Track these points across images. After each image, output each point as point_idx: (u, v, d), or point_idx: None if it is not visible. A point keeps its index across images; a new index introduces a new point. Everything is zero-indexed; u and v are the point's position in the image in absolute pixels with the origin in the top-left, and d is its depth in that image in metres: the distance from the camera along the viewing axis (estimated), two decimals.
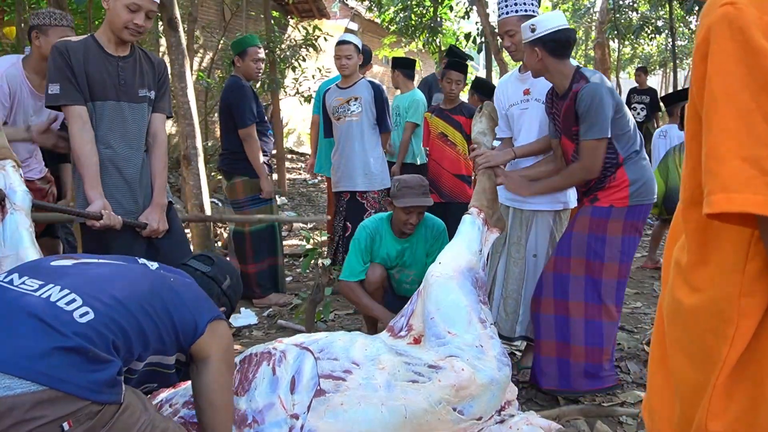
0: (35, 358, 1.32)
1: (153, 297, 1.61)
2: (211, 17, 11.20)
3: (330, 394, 1.98)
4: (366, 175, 4.38)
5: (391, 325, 2.45)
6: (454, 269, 2.39)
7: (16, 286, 1.49)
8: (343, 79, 4.49)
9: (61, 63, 2.52)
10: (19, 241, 2.14)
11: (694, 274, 0.95)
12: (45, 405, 1.30)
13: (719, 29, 0.84)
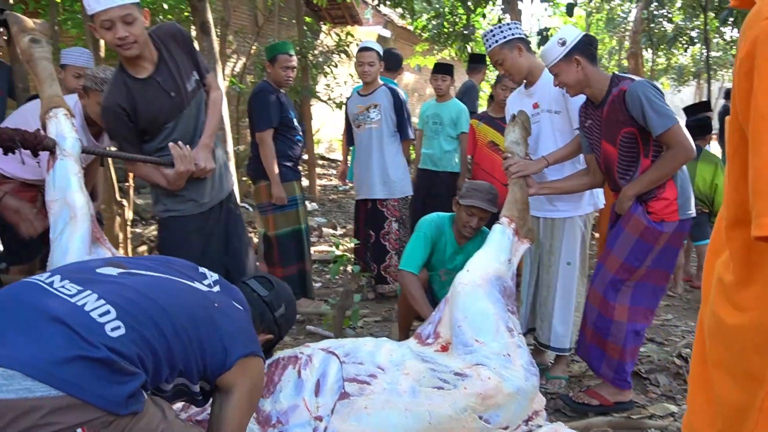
0: (58, 364, 1.31)
1: (189, 323, 1.56)
2: (244, 22, 11.34)
3: (354, 397, 1.98)
4: (385, 183, 4.37)
5: (419, 332, 2.45)
6: (481, 277, 2.38)
7: (56, 289, 1.47)
8: (364, 87, 4.48)
9: (114, 125, 2.60)
10: (67, 186, 2.21)
11: (738, 293, 0.91)
12: (62, 411, 1.29)
13: (764, 44, 0.81)
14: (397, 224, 4.43)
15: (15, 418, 1.25)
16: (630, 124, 2.53)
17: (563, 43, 2.59)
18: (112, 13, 2.37)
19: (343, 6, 12.97)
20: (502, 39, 3.01)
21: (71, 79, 3.41)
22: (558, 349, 3.09)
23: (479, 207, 3.06)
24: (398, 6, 12.28)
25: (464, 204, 3.11)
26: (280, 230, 4.28)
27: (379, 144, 4.38)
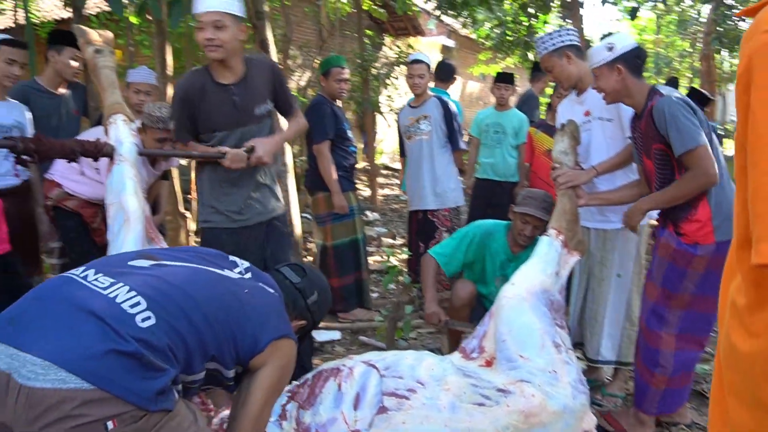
0: (91, 358, 1.35)
1: (219, 310, 1.60)
2: (308, 37, 11.58)
3: (392, 411, 1.97)
4: (436, 194, 4.36)
5: (463, 347, 2.41)
6: (527, 290, 2.33)
7: (90, 282, 1.53)
8: (414, 98, 4.50)
9: (177, 107, 2.74)
10: (122, 189, 2.31)
11: (751, 317, 0.86)
12: (93, 404, 1.33)
13: (762, 58, 0.77)
14: (448, 234, 4.39)
15: (50, 407, 1.31)
16: (659, 140, 2.45)
17: (610, 48, 2.53)
18: (206, 17, 2.60)
19: (406, 18, 13.03)
20: (552, 46, 3.00)
21: (132, 95, 3.60)
22: (604, 362, 2.99)
23: (533, 215, 3.01)
24: (460, 16, 12.27)
25: (518, 212, 3.06)
26: (337, 240, 4.35)
27: (429, 155, 4.37)
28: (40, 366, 1.33)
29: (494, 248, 3.21)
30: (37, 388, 1.31)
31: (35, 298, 1.51)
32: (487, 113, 5.20)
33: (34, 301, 1.49)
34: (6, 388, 1.33)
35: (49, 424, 1.31)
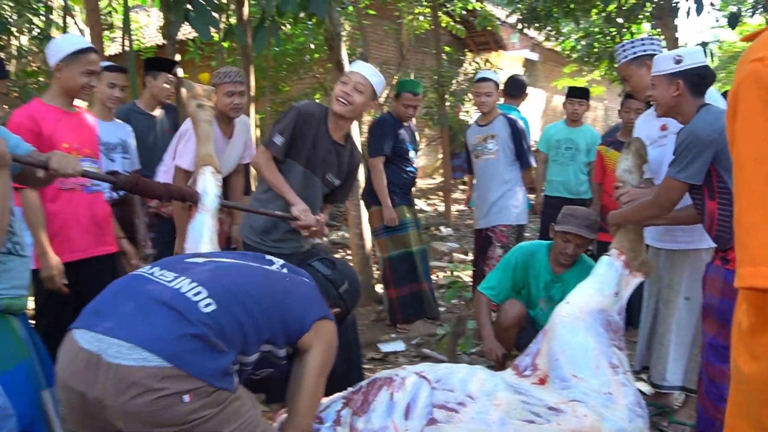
0: (168, 341, 1.57)
1: (267, 296, 1.81)
2: (389, 54, 11.81)
3: (441, 424, 2.03)
4: (499, 210, 4.33)
5: (516, 364, 2.44)
6: (582, 310, 2.33)
7: (156, 277, 1.76)
8: (482, 117, 4.49)
9: (291, 122, 2.90)
10: (200, 238, 2.50)
11: (753, 340, 0.88)
12: (171, 379, 1.54)
13: (747, 87, 0.80)
14: (503, 251, 4.33)
15: (135, 381, 1.53)
16: None
17: (678, 61, 2.47)
18: (354, 76, 2.88)
19: (487, 33, 13.03)
20: (632, 54, 2.96)
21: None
22: (669, 387, 2.90)
23: (575, 233, 2.99)
24: (544, 29, 12.15)
25: (559, 230, 3.05)
26: (390, 253, 4.48)
27: (496, 174, 4.36)
28: (125, 347, 1.55)
29: (537, 269, 3.20)
30: (124, 365, 1.54)
31: (113, 293, 1.75)
32: (557, 128, 5.11)
33: (113, 295, 1.74)
34: (97, 366, 1.56)
35: (136, 396, 1.52)
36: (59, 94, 2.88)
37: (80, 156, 2.84)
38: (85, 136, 2.98)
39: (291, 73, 9.68)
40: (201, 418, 1.58)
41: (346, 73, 2.90)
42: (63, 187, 2.84)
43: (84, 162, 2.82)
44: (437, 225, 8.54)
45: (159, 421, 1.55)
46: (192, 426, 1.58)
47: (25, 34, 9.78)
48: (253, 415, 1.72)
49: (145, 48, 10.68)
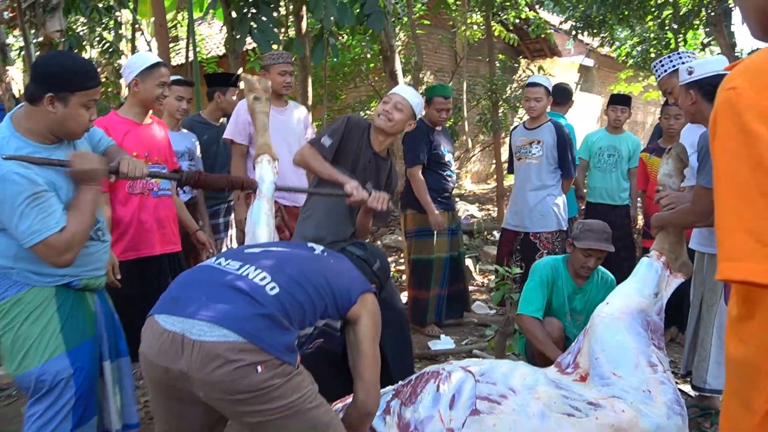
0: (242, 319, 1.80)
1: (319, 276, 2.04)
2: (444, 62, 11.97)
3: (484, 414, 2.17)
4: (541, 216, 4.40)
5: (559, 362, 2.55)
6: (621, 310, 2.42)
7: (224, 267, 2.00)
8: (529, 120, 4.57)
9: (342, 129, 3.10)
10: (257, 222, 2.70)
11: (741, 326, 0.99)
12: (246, 352, 1.76)
13: (722, 112, 0.92)
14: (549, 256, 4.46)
15: (217, 355, 1.76)
16: None
17: (690, 73, 2.61)
18: (395, 97, 3.10)
19: (542, 39, 13.03)
20: (671, 68, 3.07)
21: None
22: (710, 390, 2.94)
23: (596, 248, 3.11)
24: (597, 35, 12.08)
25: (580, 246, 3.14)
26: (414, 255, 4.61)
27: (537, 178, 4.43)
28: (206, 326, 1.79)
29: (559, 284, 3.30)
30: (207, 341, 1.77)
31: (186, 282, 2.00)
32: (599, 135, 5.14)
33: (187, 284, 1.98)
34: (181, 344, 1.79)
35: (218, 367, 1.75)
36: (135, 107, 3.18)
37: (149, 163, 3.12)
38: (155, 144, 3.25)
39: (347, 82, 9.94)
40: (271, 386, 1.80)
41: (388, 94, 3.09)
42: (132, 192, 3.13)
43: (152, 168, 3.05)
44: (490, 230, 8.62)
45: (237, 388, 1.77)
46: (263, 392, 1.79)
47: (95, 47, 10.38)
48: (313, 390, 1.93)
49: (207, 58, 11.16)
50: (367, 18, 4.35)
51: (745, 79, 0.92)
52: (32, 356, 2.18)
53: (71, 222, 2.15)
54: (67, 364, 2.21)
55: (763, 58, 0.95)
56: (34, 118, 2.20)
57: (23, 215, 2.06)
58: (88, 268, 2.34)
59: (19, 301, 2.18)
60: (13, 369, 2.22)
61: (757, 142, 0.87)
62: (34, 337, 2.18)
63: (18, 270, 2.17)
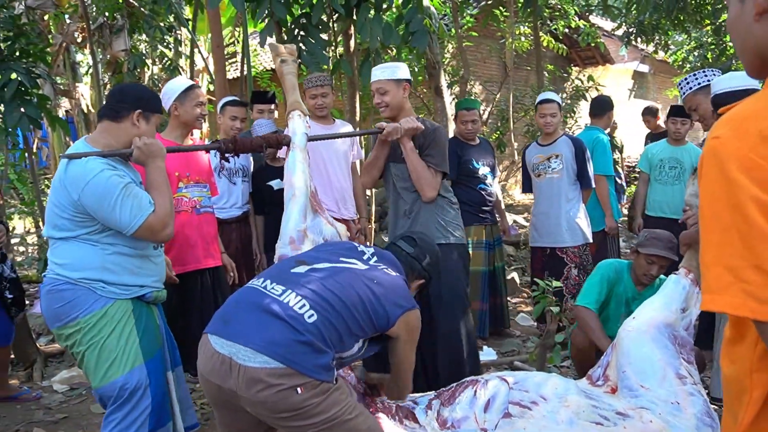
0: (281, 346, 1.95)
1: (359, 300, 2.13)
2: (493, 72, 12.04)
3: (515, 418, 2.31)
4: (568, 231, 4.45)
5: (590, 374, 2.65)
6: (647, 324, 2.51)
7: (268, 291, 2.12)
8: (543, 137, 4.61)
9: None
10: (293, 171, 2.86)
11: (732, 348, 1.10)
12: (286, 377, 1.93)
13: (707, 158, 1.03)
14: (577, 270, 4.45)
15: (260, 379, 1.94)
16: None
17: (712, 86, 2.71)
18: (373, 86, 3.22)
19: (593, 47, 12.95)
20: (696, 85, 3.11)
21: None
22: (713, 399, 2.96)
23: (660, 255, 3.15)
24: (650, 41, 11.94)
25: (644, 253, 3.21)
26: None
27: (561, 193, 4.45)
28: (250, 353, 1.97)
29: (621, 287, 3.38)
30: (251, 367, 1.95)
31: (235, 303, 2.17)
32: (660, 147, 5.01)
33: (235, 306, 2.15)
34: (230, 366, 1.98)
35: (261, 390, 1.94)
36: (176, 129, 3.40)
37: (189, 182, 3.41)
38: (195, 165, 3.49)
39: None
40: (311, 405, 1.97)
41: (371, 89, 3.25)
42: (177, 209, 3.31)
43: (193, 187, 3.42)
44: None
45: (279, 408, 1.96)
46: (304, 410, 1.97)
47: (156, 64, 10.91)
48: (351, 401, 2.09)
49: (261, 72, 11.55)
50: (412, 36, 4.52)
51: (729, 128, 1.03)
52: (116, 367, 2.40)
53: (157, 200, 2.42)
54: (145, 374, 2.44)
55: (746, 108, 1.06)
56: (114, 134, 2.47)
57: (122, 205, 2.32)
58: (155, 280, 2.58)
59: (105, 315, 2.40)
60: (98, 380, 2.43)
61: (736, 189, 0.97)
62: (118, 349, 2.40)
63: (102, 283, 2.39)
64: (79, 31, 9.46)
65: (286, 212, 2.83)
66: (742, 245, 0.96)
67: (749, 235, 0.95)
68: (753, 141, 0.98)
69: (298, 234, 2.74)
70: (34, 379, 4.37)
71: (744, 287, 0.95)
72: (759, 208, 0.95)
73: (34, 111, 4.97)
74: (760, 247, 0.94)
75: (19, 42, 5.22)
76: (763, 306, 0.94)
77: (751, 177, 0.97)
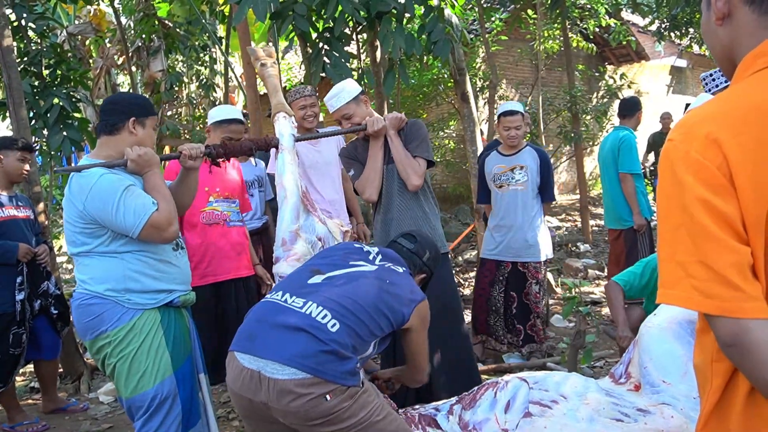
0: (308, 358, 2.01)
1: (376, 303, 2.19)
2: (525, 74, 12.00)
3: (536, 417, 2.33)
4: (531, 246, 4.33)
5: (612, 372, 2.66)
6: (668, 320, 2.51)
7: (289, 305, 2.17)
8: (505, 147, 4.43)
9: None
10: (283, 173, 2.94)
11: (700, 338, 1.14)
12: (315, 386, 1.99)
13: (662, 159, 1.08)
14: (537, 286, 4.35)
15: (290, 390, 2.00)
16: None
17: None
18: (335, 116, 3.24)
19: (628, 44, 12.78)
20: (723, 83, 3.09)
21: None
22: None
23: None
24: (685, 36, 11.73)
25: None
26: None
27: (524, 206, 4.32)
28: (278, 366, 2.03)
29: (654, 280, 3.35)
30: (280, 379, 2.02)
31: (258, 319, 2.21)
32: None
33: (258, 321, 2.20)
34: (259, 380, 2.04)
35: (292, 401, 2.00)
36: None
37: (219, 197, 3.57)
38: (225, 182, 3.65)
39: (428, 102, 10.20)
40: (341, 410, 2.03)
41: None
42: (207, 222, 3.53)
43: (222, 202, 3.58)
44: (575, 241, 8.58)
45: (311, 416, 2.02)
46: (335, 416, 2.03)
47: (193, 82, 11.24)
48: (379, 402, 2.15)
49: (295, 85, 11.77)
50: (434, 45, 4.58)
51: (681, 131, 1.08)
52: (147, 379, 2.46)
53: (159, 199, 2.46)
54: (174, 384, 2.52)
55: (698, 112, 1.11)
56: (114, 147, 2.53)
57: (125, 206, 2.36)
58: (181, 281, 2.63)
59: (133, 328, 2.46)
60: (128, 392, 2.48)
61: (685, 189, 1.03)
62: (148, 361, 2.46)
63: (127, 295, 2.45)
64: (118, 54, 9.83)
65: (279, 214, 2.93)
66: (690, 242, 1.01)
67: (695, 233, 1.01)
68: (700, 144, 1.03)
69: (290, 235, 2.84)
70: (81, 391, 4.58)
71: (692, 282, 1.01)
72: (705, 208, 1.00)
73: (76, 134, 5.22)
74: (704, 245, 1.00)
75: (60, 68, 5.48)
76: (707, 299, 0.99)
77: (698, 178, 1.02)
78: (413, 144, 3.23)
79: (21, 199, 4.00)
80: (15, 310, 3.71)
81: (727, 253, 0.98)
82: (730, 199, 1.00)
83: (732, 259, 0.98)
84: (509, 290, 4.41)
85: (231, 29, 8.90)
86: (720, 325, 1.00)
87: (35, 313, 3.89)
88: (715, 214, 1.00)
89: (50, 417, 4.06)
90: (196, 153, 2.69)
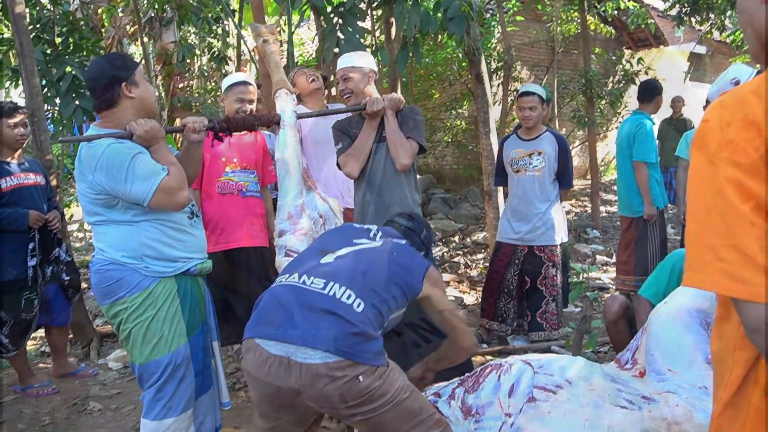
0: (338, 340, 1.99)
1: (390, 277, 2.20)
2: (541, 56, 11.86)
3: (540, 402, 2.33)
4: (548, 229, 4.32)
5: (618, 358, 2.65)
6: (677, 309, 2.49)
7: (309, 287, 2.13)
8: (524, 131, 4.38)
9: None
10: (285, 148, 2.97)
11: (720, 325, 1.13)
12: (347, 368, 1.98)
13: (696, 140, 1.06)
14: (554, 269, 4.33)
15: (323, 374, 1.98)
16: None
17: (737, 83, 2.61)
18: (338, 74, 3.31)
19: (646, 28, 12.59)
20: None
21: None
22: None
23: None
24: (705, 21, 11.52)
25: None
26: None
27: (541, 191, 4.31)
28: (310, 350, 2.00)
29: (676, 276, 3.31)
30: (312, 364, 1.99)
31: (279, 304, 2.14)
32: None
33: (281, 307, 2.13)
34: (288, 366, 2.00)
35: (326, 384, 1.99)
36: None
37: (236, 167, 3.63)
38: (244, 152, 3.68)
39: (441, 82, 10.12)
40: (374, 389, 2.03)
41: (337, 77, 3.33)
42: (222, 192, 3.60)
43: (240, 173, 3.63)
44: (584, 227, 8.54)
45: (346, 398, 2.02)
46: (368, 396, 2.03)
47: (205, 54, 11.17)
48: (403, 380, 2.15)
49: (308, 61, 11.69)
50: (450, 23, 4.52)
51: (715, 114, 1.06)
52: (162, 346, 2.47)
53: (168, 165, 2.46)
54: (188, 350, 2.53)
55: (736, 93, 1.08)
56: (118, 116, 2.50)
57: (134, 173, 2.35)
58: (197, 250, 2.63)
59: (150, 295, 2.46)
60: (142, 358, 2.49)
61: (719, 172, 1.00)
62: (163, 329, 2.47)
63: (145, 262, 2.45)
64: (130, 24, 9.78)
65: (282, 188, 2.92)
66: (722, 225, 0.99)
67: (728, 216, 0.98)
68: (738, 126, 1.01)
69: (296, 209, 2.85)
70: (90, 357, 4.64)
71: (721, 266, 0.98)
72: (738, 190, 0.98)
73: (88, 103, 5.19)
74: (737, 228, 0.97)
75: (72, 37, 5.45)
76: (737, 284, 0.97)
77: (733, 161, 0.99)
78: (408, 125, 3.26)
79: (32, 164, 4.00)
80: (27, 275, 3.74)
81: (759, 237, 0.96)
82: (763, 182, 0.98)
83: (764, 244, 0.96)
84: (524, 274, 4.42)
85: (244, 2, 8.82)
86: (747, 310, 0.98)
87: (47, 280, 3.92)
88: (749, 197, 0.98)
89: (60, 381, 4.13)
90: (199, 126, 2.70)
